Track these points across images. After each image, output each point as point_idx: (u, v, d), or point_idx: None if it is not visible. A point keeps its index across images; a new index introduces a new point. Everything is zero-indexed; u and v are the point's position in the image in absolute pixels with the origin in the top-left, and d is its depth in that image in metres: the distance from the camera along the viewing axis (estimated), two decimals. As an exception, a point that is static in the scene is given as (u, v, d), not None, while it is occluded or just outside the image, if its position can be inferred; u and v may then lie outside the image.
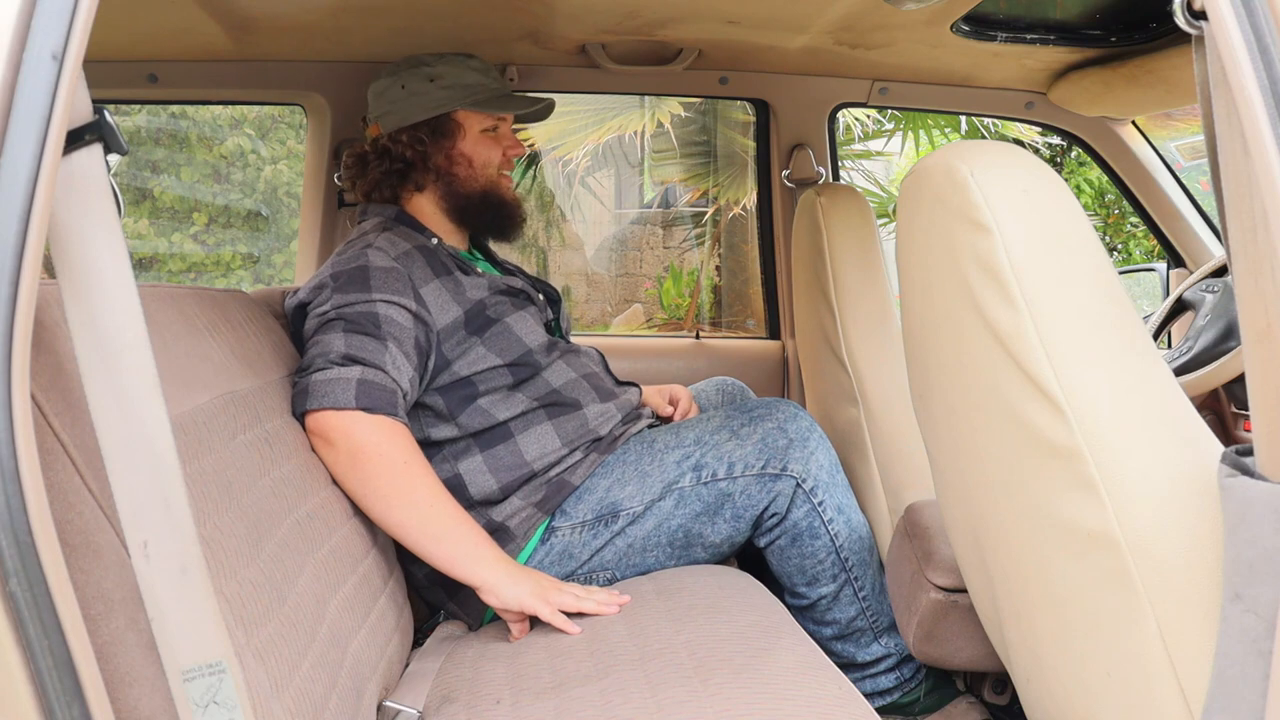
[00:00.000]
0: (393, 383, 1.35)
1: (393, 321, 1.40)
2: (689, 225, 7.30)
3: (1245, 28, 0.67)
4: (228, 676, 0.68)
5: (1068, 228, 0.83)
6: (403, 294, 1.44)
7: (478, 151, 1.64)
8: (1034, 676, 0.99)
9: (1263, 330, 0.68)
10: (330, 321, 1.40)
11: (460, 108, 1.61)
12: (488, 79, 1.65)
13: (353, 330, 1.38)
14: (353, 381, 1.32)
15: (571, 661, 1.17)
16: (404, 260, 1.49)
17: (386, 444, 1.31)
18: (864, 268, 1.75)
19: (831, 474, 1.51)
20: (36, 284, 0.60)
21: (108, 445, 0.65)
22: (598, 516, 1.48)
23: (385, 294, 1.42)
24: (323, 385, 1.31)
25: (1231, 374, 1.53)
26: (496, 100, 1.63)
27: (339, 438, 1.30)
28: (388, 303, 1.41)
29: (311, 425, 1.31)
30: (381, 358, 1.36)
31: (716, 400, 1.94)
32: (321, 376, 1.32)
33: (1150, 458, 0.78)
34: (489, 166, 1.65)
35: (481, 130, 1.64)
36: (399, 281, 1.45)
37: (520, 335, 1.54)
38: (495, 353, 1.51)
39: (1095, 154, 2.19)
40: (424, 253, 1.53)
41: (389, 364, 1.36)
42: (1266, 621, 0.68)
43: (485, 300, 1.54)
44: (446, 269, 1.54)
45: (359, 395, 1.31)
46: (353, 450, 1.29)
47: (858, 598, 1.54)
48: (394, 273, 1.45)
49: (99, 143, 0.65)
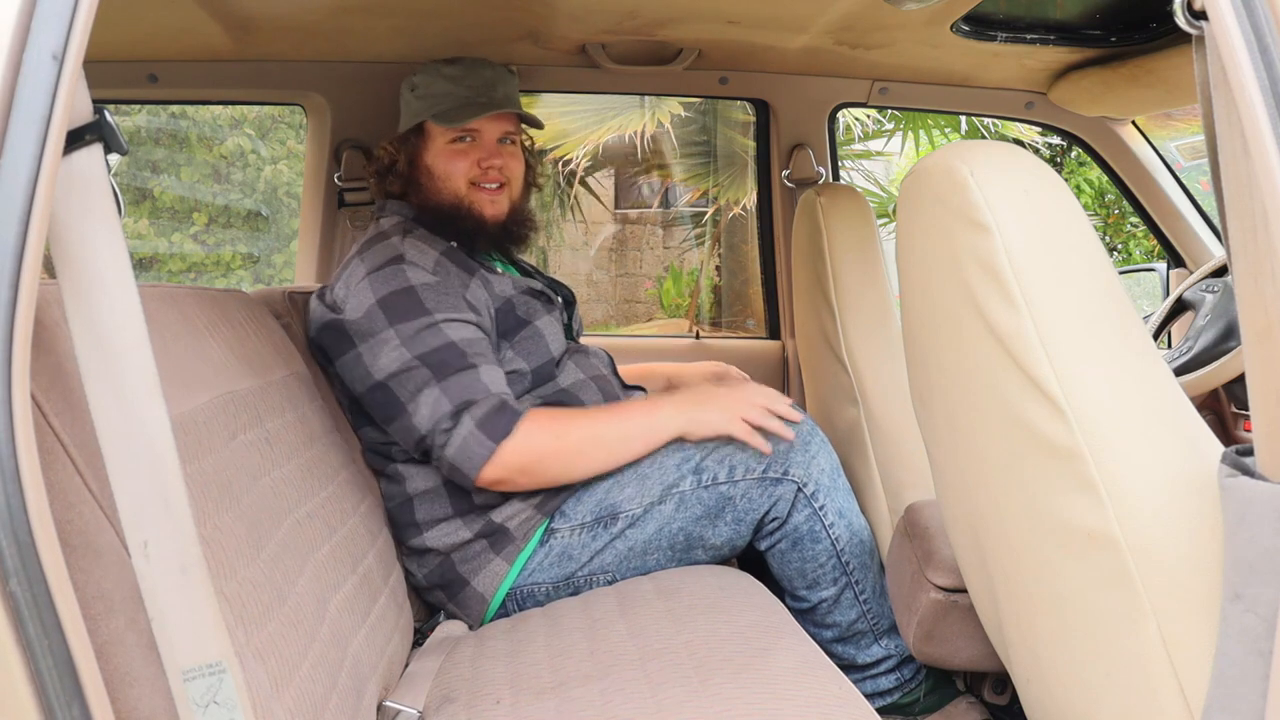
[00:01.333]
0: (496, 395, 1.40)
1: (467, 341, 1.43)
2: (689, 225, 7.29)
3: (1245, 28, 0.67)
4: (228, 676, 0.68)
5: (1068, 228, 0.83)
6: (459, 309, 1.45)
7: (438, 163, 1.60)
8: (1034, 676, 0.99)
9: (1263, 330, 0.68)
10: (412, 370, 1.40)
11: (425, 119, 1.60)
12: (458, 87, 1.59)
13: (443, 374, 1.40)
14: (474, 432, 1.37)
15: (571, 661, 1.17)
16: (440, 270, 1.49)
17: (539, 443, 1.38)
18: (864, 268, 1.75)
19: (833, 477, 1.51)
20: (36, 284, 0.60)
21: (108, 445, 0.65)
22: (597, 518, 1.48)
23: (445, 313, 1.43)
24: (462, 453, 1.37)
25: (1231, 374, 1.53)
26: (453, 111, 1.58)
27: (512, 475, 1.38)
28: (451, 321, 1.43)
29: (488, 482, 1.40)
30: (480, 386, 1.40)
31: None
32: (451, 450, 1.38)
33: (1150, 458, 0.78)
34: (451, 178, 1.59)
35: (449, 141, 1.60)
36: (451, 296, 1.46)
37: (548, 342, 1.56)
38: (523, 357, 1.52)
39: (1095, 154, 2.19)
40: (451, 256, 1.54)
41: (489, 382, 1.41)
42: (1266, 621, 0.68)
43: (514, 299, 1.55)
44: (472, 268, 1.55)
45: (489, 435, 1.37)
46: (527, 471, 1.39)
47: (858, 600, 1.54)
48: (440, 287, 1.46)
49: (99, 143, 0.65)
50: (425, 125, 1.61)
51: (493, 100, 1.61)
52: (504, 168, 1.63)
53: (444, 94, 1.59)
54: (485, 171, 1.61)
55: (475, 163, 1.60)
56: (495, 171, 1.61)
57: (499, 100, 1.61)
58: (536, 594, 1.48)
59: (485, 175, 1.61)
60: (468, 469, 1.37)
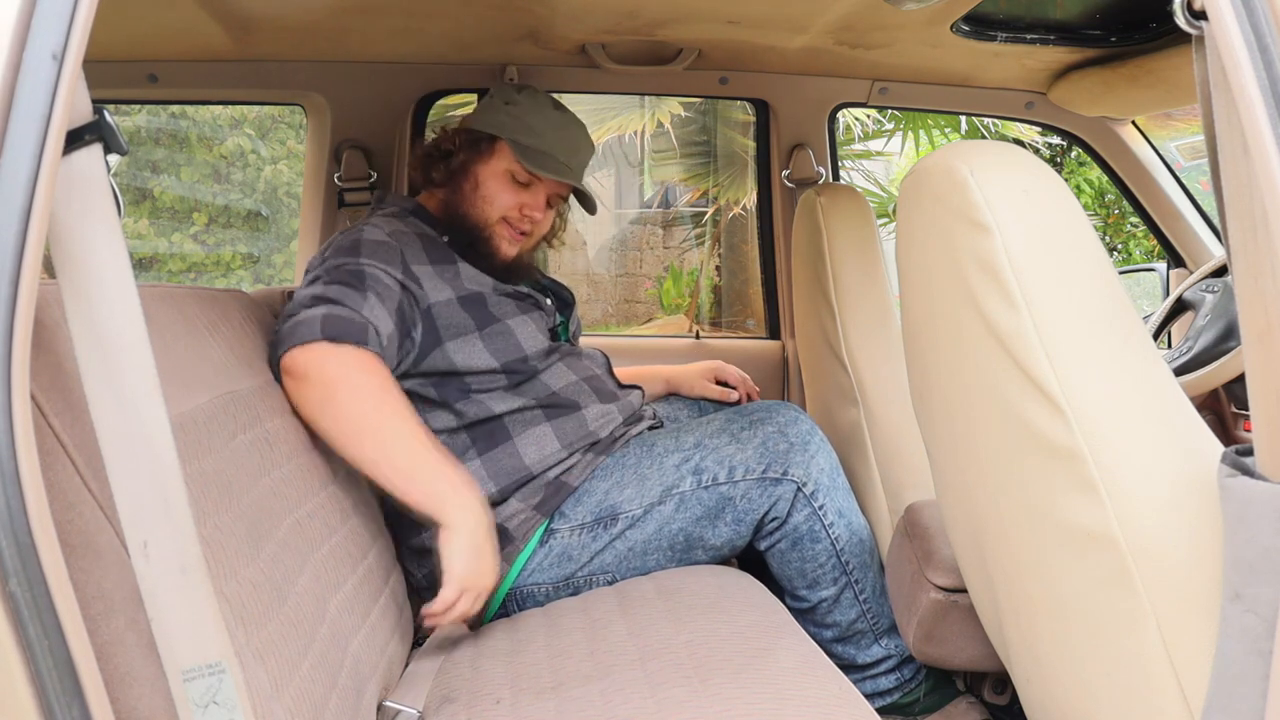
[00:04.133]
0: (363, 319, 1.31)
1: (377, 279, 1.38)
2: (689, 225, 7.30)
3: (1245, 28, 0.67)
4: (228, 676, 0.68)
5: (1068, 228, 0.83)
6: (391, 263, 1.42)
7: (489, 183, 1.59)
8: (1034, 676, 0.99)
9: (1263, 330, 0.68)
10: (315, 281, 1.38)
11: (504, 137, 1.58)
12: (552, 132, 1.58)
13: (331, 281, 1.35)
14: (318, 317, 1.28)
15: (571, 661, 1.17)
16: (399, 238, 1.48)
17: (358, 373, 1.27)
18: (864, 268, 1.75)
19: (832, 477, 1.51)
20: (36, 284, 0.60)
21: (108, 445, 0.65)
22: (596, 519, 1.48)
23: (374, 260, 1.40)
24: (289, 329, 1.28)
25: (1231, 374, 1.53)
26: (535, 154, 1.57)
27: (311, 371, 1.25)
28: (374, 266, 1.39)
29: (285, 366, 1.27)
30: (356, 302, 1.33)
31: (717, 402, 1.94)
32: (289, 323, 1.29)
33: (1150, 458, 0.78)
34: (491, 204, 1.58)
35: (509, 172, 1.59)
36: (389, 252, 1.43)
37: (520, 340, 1.53)
38: (491, 353, 1.50)
39: (1095, 154, 2.19)
40: (424, 239, 1.53)
41: (365, 308, 1.33)
42: (1266, 621, 0.68)
43: (486, 295, 1.54)
44: (449, 258, 1.54)
45: (325, 327, 1.27)
46: (324, 381, 1.25)
47: (858, 600, 1.54)
48: (386, 245, 1.44)
49: (99, 143, 0.65)
50: (497, 141, 1.60)
51: (571, 167, 1.62)
52: (538, 223, 1.64)
53: (537, 130, 1.58)
54: (523, 218, 1.61)
55: (519, 206, 1.60)
56: (529, 223, 1.62)
57: (576, 170, 1.63)
58: (536, 594, 1.48)
59: (520, 221, 1.61)
60: (287, 342, 1.27)
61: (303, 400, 1.26)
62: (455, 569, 1.23)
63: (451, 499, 1.26)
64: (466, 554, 1.24)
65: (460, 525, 1.25)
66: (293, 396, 1.27)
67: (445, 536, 1.25)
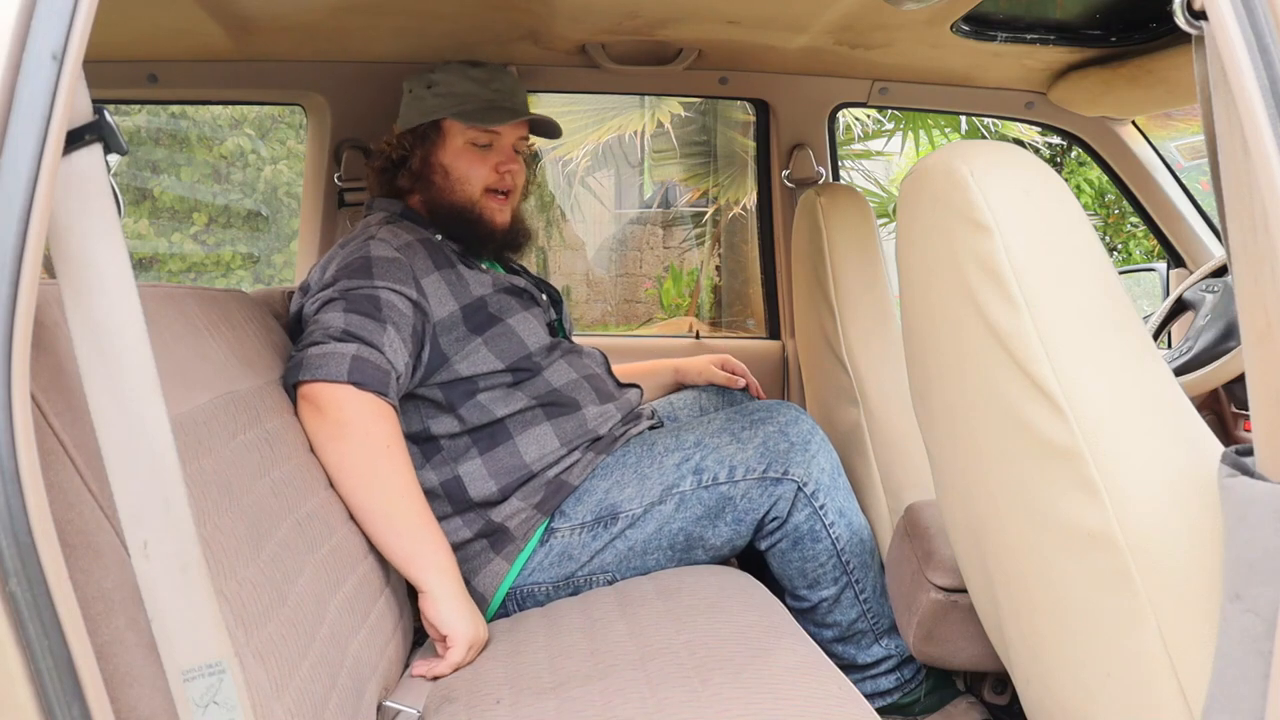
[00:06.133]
0: (387, 364, 1.35)
1: (393, 307, 1.40)
2: (689, 225, 7.29)
3: (1245, 28, 0.67)
4: (228, 676, 0.68)
5: (1068, 228, 0.83)
6: (404, 283, 1.44)
7: (456, 164, 1.60)
8: (1034, 677, 0.99)
9: (1263, 330, 0.68)
10: (331, 302, 1.40)
11: (445, 116, 1.59)
12: (482, 89, 1.60)
13: (353, 310, 1.38)
14: (348, 356, 1.32)
15: (571, 661, 1.17)
16: (406, 251, 1.49)
17: (372, 423, 1.31)
18: (864, 268, 1.75)
19: (833, 477, 1.51)
20: (36, 284, 0.60)
21: (108, 445, 0.65)
22: (597, 518, 1.48)
23: (388, 281, 1.42)
24: (318, 358, 1.31)
25: (1231, 374, 1.53)
26: (480, 112, 1.58)
27: (329, 407, 1.29)
28: (390, 289, 1.42)
29: (303, 393, 1.30)
30: (379, 338, 1.36)
31: (718, 401, 1.94)
32: (318, 350, 1.32)
33: (1150, 458, 0.78)
34: (468, 182, 1.60)
35: (468, 142, 1.60)
36: (401, 270, 1.45)
37: (522, 337, 1.54)
38: (496, 354, 1.50)
39: (1095, 154, 2.19)
40: (427, 245, 1.53)
41: (386, 345, 1.36)
42: (1266, 621, 0.68)
43: (487, 297, 1.54)
44: (449, 262, 1.54)
45: (352, 370, 1.31)
46: (341, 421, 1.29)
47: (859, 600, 1.54)
48: (396, 262, 1.46)
49: (99, 143, 0.65)
50: (442, 124, 1.61)
51: (516, 106, 1.62)
52: (515, 174, 1.64)
53: (468, 94, 1.59)
54: (501, 177, 1.62)
55: (493, 168, 1.61)
56: (509, 177, 1.62)
57: (520, 107, 1.64)
58: (536, 594, 1.48)
59: (501, 181, 1.62)
60: (308, 372, 1.30)
61: (314, 430, 1.30)
62: (460, 631, 1.26)
63: (433, 562, 1.30)
64: (463, 614, 1.28)
65: (442, 590, 1.28)
66: (304, 421, 1.30)
67: (431, 602, 1.28)
